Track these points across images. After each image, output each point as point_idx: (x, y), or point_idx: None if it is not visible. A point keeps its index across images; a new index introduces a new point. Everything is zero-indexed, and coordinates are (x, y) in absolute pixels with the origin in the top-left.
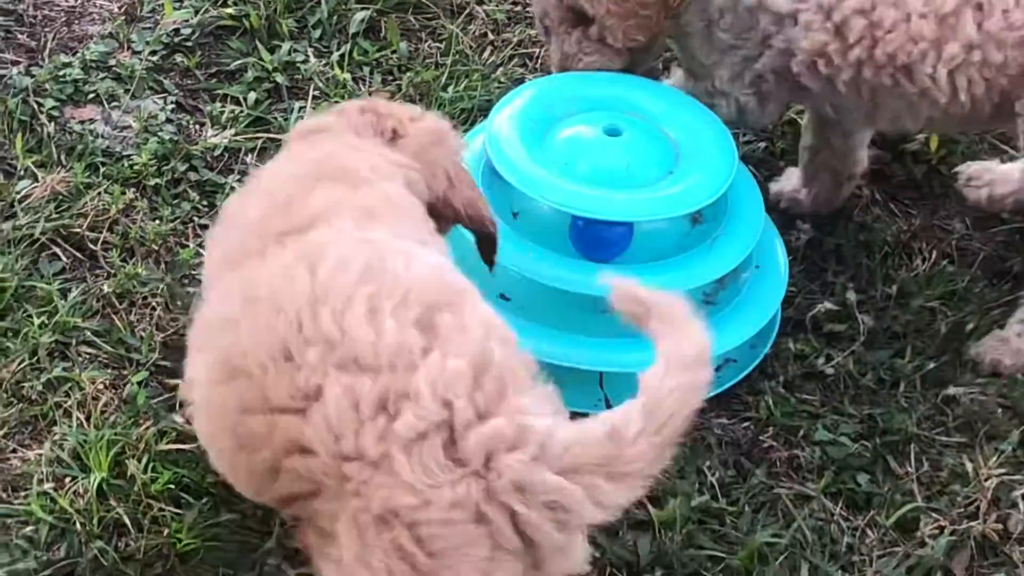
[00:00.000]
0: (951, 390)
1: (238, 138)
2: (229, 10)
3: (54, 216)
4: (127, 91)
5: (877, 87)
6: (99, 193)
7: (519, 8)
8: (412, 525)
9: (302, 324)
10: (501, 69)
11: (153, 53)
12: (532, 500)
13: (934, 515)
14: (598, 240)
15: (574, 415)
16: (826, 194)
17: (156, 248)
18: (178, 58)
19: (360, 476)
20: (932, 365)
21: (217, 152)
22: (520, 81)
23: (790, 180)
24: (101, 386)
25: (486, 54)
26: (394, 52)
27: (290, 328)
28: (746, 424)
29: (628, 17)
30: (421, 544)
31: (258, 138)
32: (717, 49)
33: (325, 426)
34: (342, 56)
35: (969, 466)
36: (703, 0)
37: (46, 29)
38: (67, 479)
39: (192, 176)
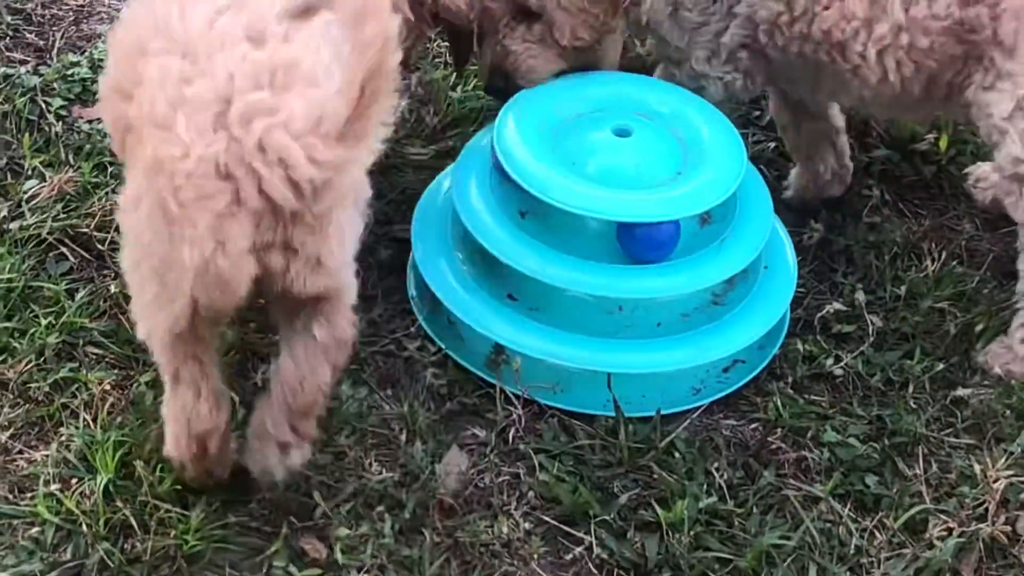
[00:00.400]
0: (960, 392)
1: None
2: None
3: (61, 216)
4: None
5: (817, 63)
6: (107, 193)
7: None
8: (172, 174)
9: (166, 20)
10: None
11: None
12: (269, 159)
13: (942, 517)
14: (648, 241)
15: (581, 417)
16: (833, 163)
17: None
18: None
19: (152, 135)
20: (941, 366)
21: None
22: None
23: (797, 175)
24: (108, 387)
25: None
26: None
27: (155, 23)
28: (754, 425)
29: (577, 14)
30: (175, 193)
31: None
32: (687, 30)
33: (144, 97)
34: None
35: (977, 468)
36: None
37: (54, 28)
38: (73, 480)
39: None
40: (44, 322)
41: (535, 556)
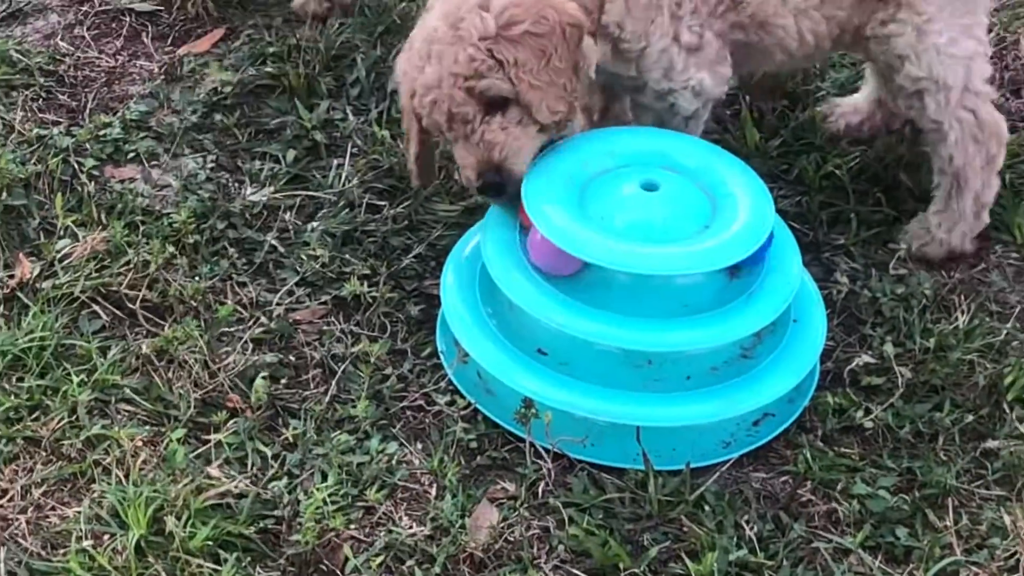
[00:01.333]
0: (990, 443)
1: (277, 196)
2: (268, 69)
3: (94, 275)
4: (167, 150)
5: (747, 44)
6: (138, 252)
7: None
8: None
9: None
10: None
11: (193, 112)
12: None
13: (973, 569)
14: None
15: (611, 470)
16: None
17: (195, 305)
18: (218, 117)
19: None
20: (971, 418)
21: (256, 210)
22: None
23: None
24: (140, 443)
25: None
26: None
27: None
28: (784, 478)
29: (548, 89)
30: None
31: (297, 195)
32: (632, 60)
33: None
34: (380, 113)
35: (1008, 520)
36: (601, 27)
37: (86, 89)
38: (106, 536)
39: (231, 234)
40: (76, 379)
41: None
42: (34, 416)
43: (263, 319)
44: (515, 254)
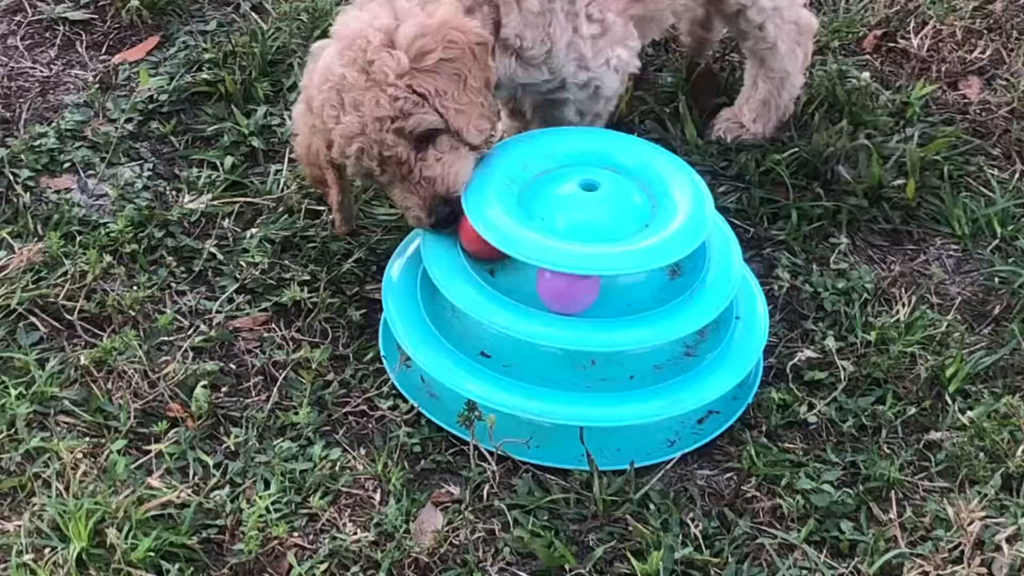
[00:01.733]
0: (933, 435)
1: (215, 203)
2: (204, 76)
3: (31, 287)
4: (103, 159)
5: (642, 18)
6: (75, 263)
7: None
8: None
9: None
10: None
11: (129, 120)
12: None
13: (918, 561)
14: None
15: (556, 472)
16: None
17: (133, 315)
18: (154, 125)
19: None
20: (913, 411)
21: (194, 217)
22: None
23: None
24: (80, 455)
25: None
26: None
27: None
28: (729, 475)
29: (471, 109)
30: None
31: (235, 202)
32: (540, 65)
33: None
34: None
35: (951, 511)
36: (501, 41)
37: (21, 100)
38: (47, 550)
39: (169, 242)
40: (14, 392)
41: None
42: None
43: (203, 327)
44: (456, 258)
